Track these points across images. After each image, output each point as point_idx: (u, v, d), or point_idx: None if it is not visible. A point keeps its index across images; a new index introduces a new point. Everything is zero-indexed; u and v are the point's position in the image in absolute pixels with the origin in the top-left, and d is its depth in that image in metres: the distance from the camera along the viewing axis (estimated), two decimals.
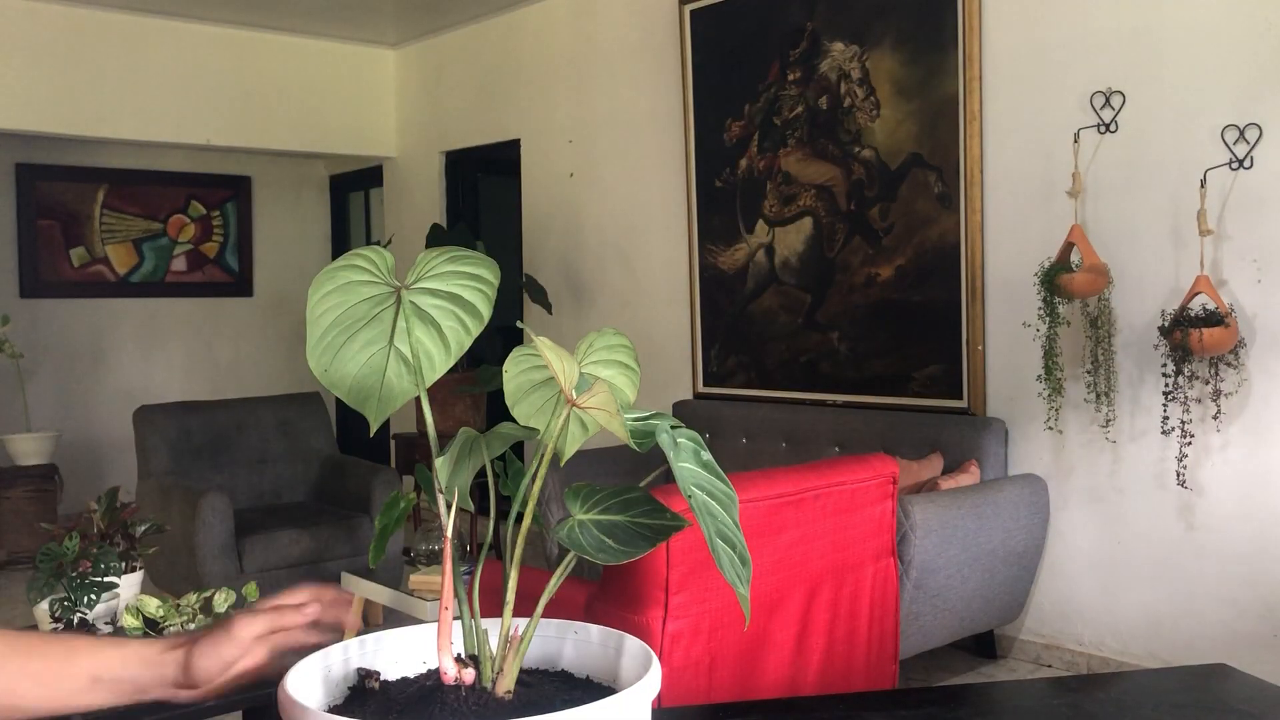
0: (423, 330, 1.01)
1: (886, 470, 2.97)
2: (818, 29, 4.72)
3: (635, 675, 0.97)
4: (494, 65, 6.46)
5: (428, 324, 1.01)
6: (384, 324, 1.01)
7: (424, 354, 1.01)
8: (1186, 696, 1.52)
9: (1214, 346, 3.42)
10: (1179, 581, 3.74)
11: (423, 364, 1.00)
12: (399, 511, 1.13)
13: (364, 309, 1.01)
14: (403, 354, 1.01)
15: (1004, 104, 4.11)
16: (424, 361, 1.01)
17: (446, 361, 1.00)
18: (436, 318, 1.01)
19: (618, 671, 1.01)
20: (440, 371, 1.01)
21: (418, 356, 1.00)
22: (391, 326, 1.01)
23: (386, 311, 1.01)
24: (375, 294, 1.01)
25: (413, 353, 1.00)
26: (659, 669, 0.94)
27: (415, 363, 1.00)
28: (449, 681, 0.93)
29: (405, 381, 1.01)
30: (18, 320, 6.70)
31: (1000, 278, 4.16)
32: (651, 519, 0.96)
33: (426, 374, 1.00)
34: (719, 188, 5.17)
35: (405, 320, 1.01)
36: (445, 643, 0.93)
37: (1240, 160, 3.51)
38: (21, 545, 5.86)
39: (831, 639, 2.86)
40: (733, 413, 4.96)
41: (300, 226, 8.14)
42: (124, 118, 6.32)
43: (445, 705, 0.91)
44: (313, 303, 1.00)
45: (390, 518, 1.12)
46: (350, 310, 1.01)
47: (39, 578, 2.30)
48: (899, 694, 1.66)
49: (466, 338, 1.01)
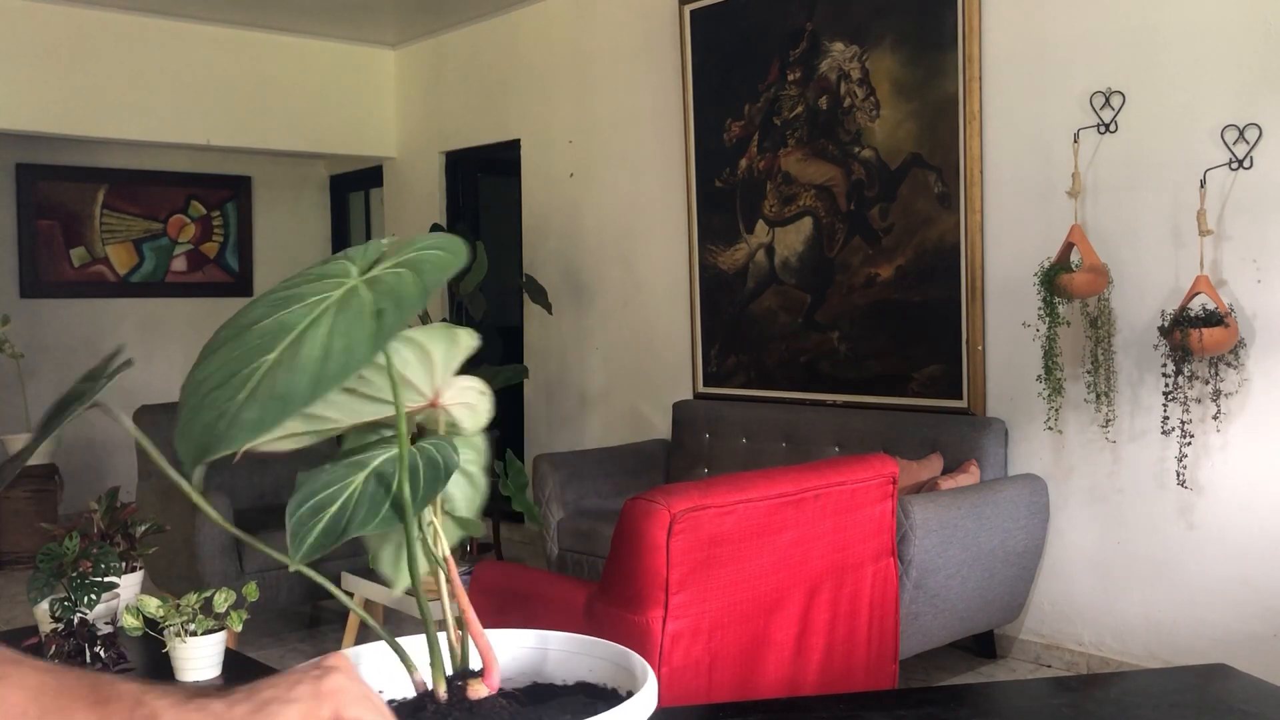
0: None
1: (886, 470, 2.97)
2: (817, 29, 4.72)
3: (626, 683, 0.95)
4: (494, 65, 6.46)
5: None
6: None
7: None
8: (1186, 696, 1.52)
9: (1214, 346, 3.42)
10: (1179, 581, 3.74)
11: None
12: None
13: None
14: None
15: (1004, 104, 4.11)
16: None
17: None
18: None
19: (607, 680, 0.98)
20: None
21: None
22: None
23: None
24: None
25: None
26: (655, 683, 0.90)
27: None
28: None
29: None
30: (18, 320, 6.70)
31: (1000, 278, 4.16)
32: None
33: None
34: (719, 188, 5.17)
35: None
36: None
37: (1240, 160, 3.51)
38: (21, 545, 5.86)
39: (831, 639, 2.86)
40: (733, 413, 4.96)
41: (300, 226, 8.14)
42: (124, 118, 6.32)
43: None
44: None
45: None
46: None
47: (39, 578, 2.30)
48: (899, 694, 1.66)
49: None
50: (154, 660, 2.46)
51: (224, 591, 2.37)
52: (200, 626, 2.31)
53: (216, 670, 2.38)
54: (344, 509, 0.85)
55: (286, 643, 4.50)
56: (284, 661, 4.23)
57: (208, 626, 2.31)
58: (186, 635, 2.30)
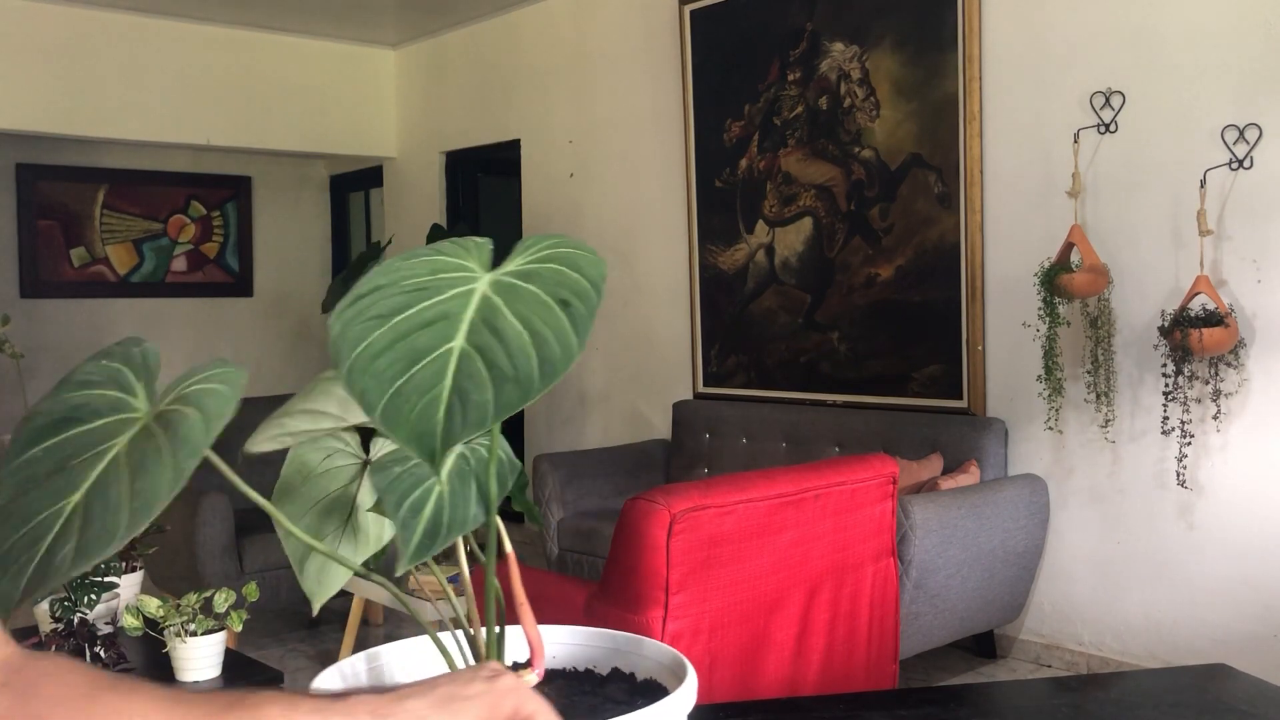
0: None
1: (886, 470, 2.97)
2: (817, 29, 4.72)
3: (662, 676, 0.96)
4: (494, 65, 6.46)
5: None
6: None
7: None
8: (1186, 696, 1.52)
9: (1214, 346, 3.42)
10: (1179, 581, 3.74)
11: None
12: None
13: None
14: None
15: (1004, 104, 4.11)
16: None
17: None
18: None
19: (648, 674, 0.99)
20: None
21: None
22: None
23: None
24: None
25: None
26: (694, 678, 0.91)
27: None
28: None
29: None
30: (18, 320, 6.69)
31: (1000, 278, 4.16)
32: None
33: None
34: (719, 188, 5.17)
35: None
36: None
37: (1240, 160, 3.51)
38: None
39: (831, 639, 2.86)
40: (733, 413, 4.96)
41: (300, 226, 8.14)
42: (124, 118, 6.32)
43: None
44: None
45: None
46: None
47: None
48: (899, 694, 1.66)
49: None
50: (154, 660, 2.46)
51: (224, 591, 2.37)
52: (200, 626, 2.31)
53: (216, 670, 2.38)
54: (439, 509, 0.86)
55: (286, 643, 4.50)
56: (284, 661, 4.23)
57: (208, 626, 2.31)
58: (186, 635, 2.30)
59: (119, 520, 0.70)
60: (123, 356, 0.81)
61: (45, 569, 0.70)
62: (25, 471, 0.74)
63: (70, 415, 0.76)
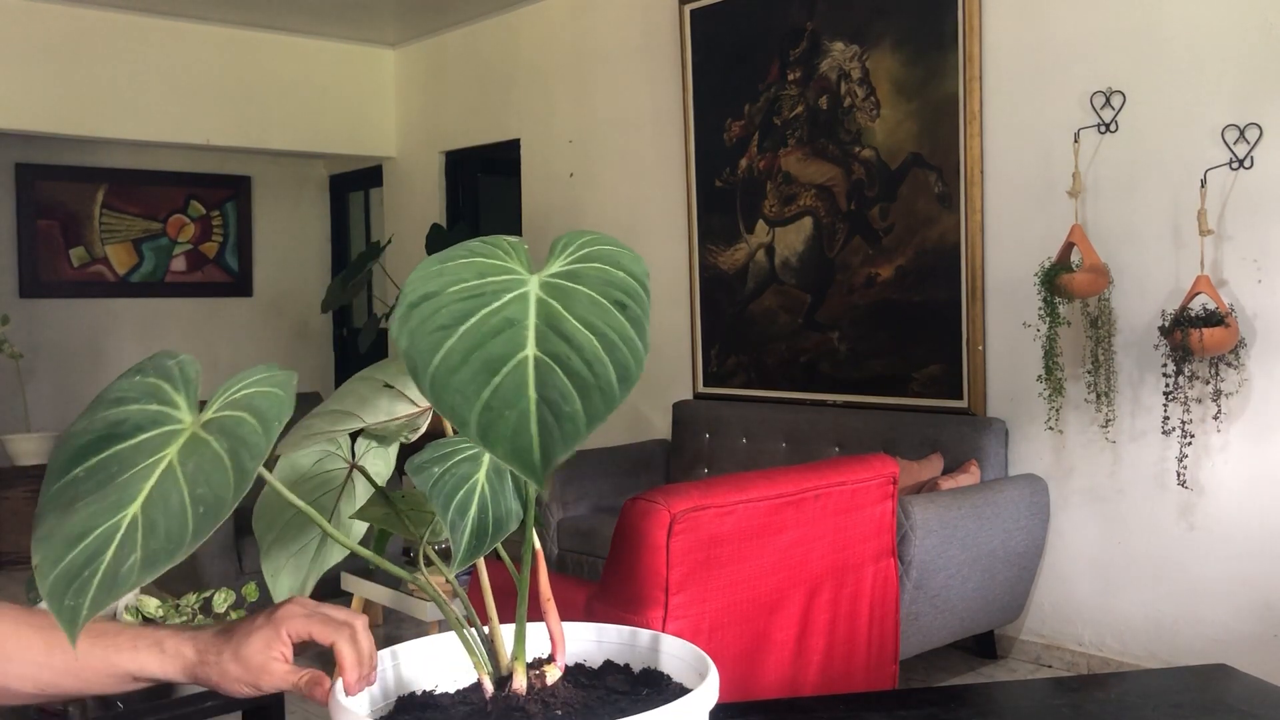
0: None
1: (886, 470, 2.96)
2: (818, 29, 4.72)
3: (682, 674, 0.95)
4: (494, 65, 6.46)
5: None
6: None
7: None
8: (1186, 696, 1.52)
9: (1214, 346, 3.42)
10: (1179, 581, 3.73)
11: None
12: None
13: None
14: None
15: (1004, 104, 4.11)
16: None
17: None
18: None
19: (670, 671, 0.98)
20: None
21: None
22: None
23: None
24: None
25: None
26: (716, 676, 0.91)
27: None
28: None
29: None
30: (17, 320, 6.70)
31: (1000, 278, 4.16)
32: None
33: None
34: (719, 188, 5.17)
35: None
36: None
37: (1240, 160, 3.51)
38: (21, 545, 5.86)
39: (832, 639, 2.86)
40: (733, 413, 4.96)
41: (300, 226, 8.14)
42: (124, 118, 6.31)
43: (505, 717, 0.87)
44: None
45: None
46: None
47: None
48: (899, 694, 1.65)
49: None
50: None
51: (224, 591, 2.37)
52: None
53: None
54: (482, 508, 0.87)
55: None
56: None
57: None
58: None
59: (184, 527, 0.71)
60: (158, 371, 0.81)
61: (111, 581, 0.70)
62: (69, 492, 0.74)
63: (110, 433, 0.76)
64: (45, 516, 0.73)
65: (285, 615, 0.96)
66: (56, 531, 0.72)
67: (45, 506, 0.74)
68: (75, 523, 0.72)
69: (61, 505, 0.73)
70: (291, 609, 0.96)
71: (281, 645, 0.95)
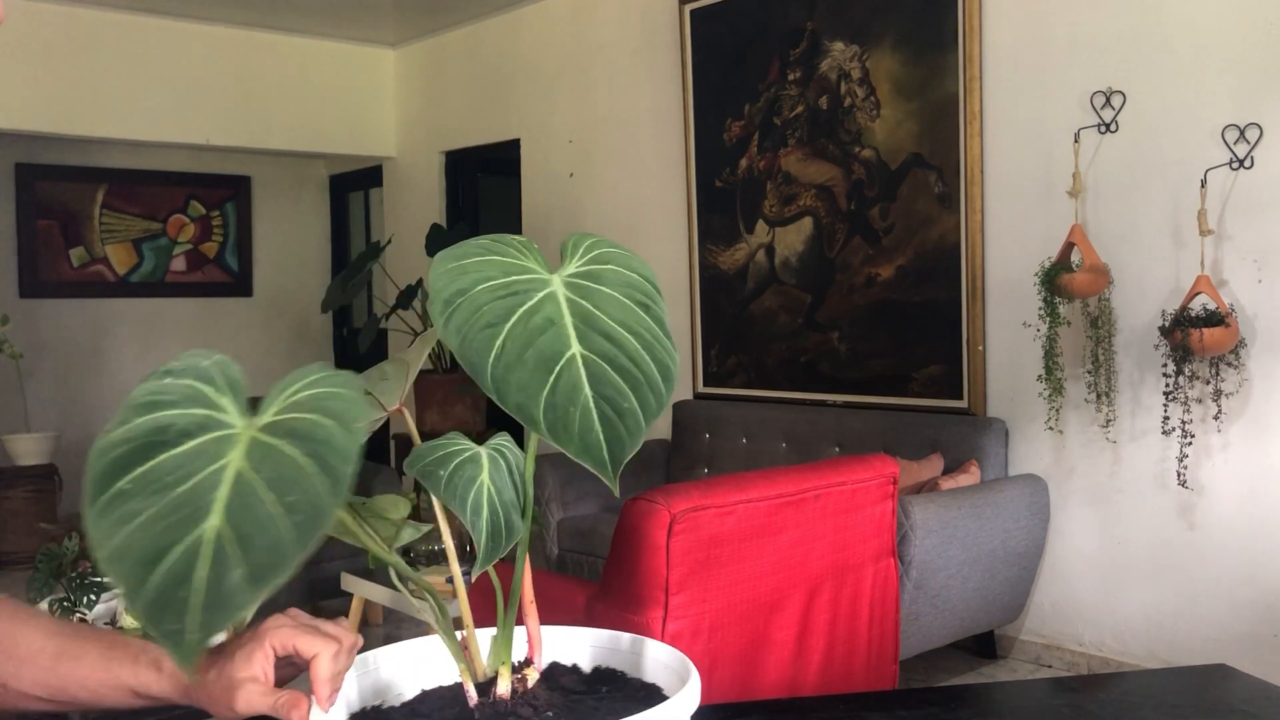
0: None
1: (887, 470, 2.96)
2: (818, 29, 4.72)
3: (664, 680, 0.95)
4: (494, 65, 6.46)
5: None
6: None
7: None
8: (1186, 697, 1.52)
9: (1214, 346, 3.42)
10: (1179, 581, 3.73)
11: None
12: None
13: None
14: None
15: (1004, 104, 4.11)
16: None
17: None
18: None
19: (653, 678, 0.98)
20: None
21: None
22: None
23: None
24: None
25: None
26: (698, 681, 0.90)
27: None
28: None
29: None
30: (17, 320, 6.70)
31: (1000, 278, 4.16)
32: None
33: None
34: (719, 188, 5.17)
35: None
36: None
37: (1240, 160, 3.51)
38: (21, 545, 5.86)
39: (831, 639, 2.86)
40: (733, 413, 4.96)
41: (300, 226, 8.14)
42: (124, 118, 6.31)
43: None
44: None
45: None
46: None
47: (38, 578, 2.30)
48: (899, 694, 1.65)
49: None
50: None
51: None
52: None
53: None
54: (493, 509, 0.86)
55: None
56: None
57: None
58: None
59: (282, 537, 0.65)
60: (194, 372, 0.75)
61: (216, 601, 0.64)
62: (120, 507, 0.68)
63: (154, 440, 0.70)
64: (100, 535, 0.67)
65: (271, 627, 0.93)
66: (126, 553, 0.65)
67: (95, 523, 0.67)
68: (145, 540, 0.66)
69: (114, 522, 0.67)
70: (280, 620, 0.93)
71: (264, 659, 0.91)
